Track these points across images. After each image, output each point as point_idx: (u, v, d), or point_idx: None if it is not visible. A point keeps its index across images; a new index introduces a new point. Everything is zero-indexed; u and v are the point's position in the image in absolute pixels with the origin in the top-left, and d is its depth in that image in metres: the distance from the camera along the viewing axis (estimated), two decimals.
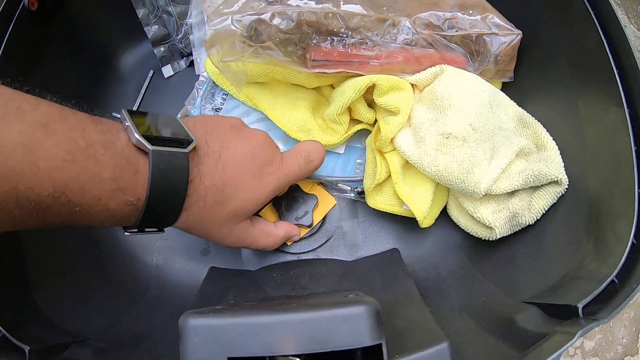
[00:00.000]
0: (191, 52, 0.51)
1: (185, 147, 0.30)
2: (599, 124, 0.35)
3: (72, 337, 0.34)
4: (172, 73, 0.53)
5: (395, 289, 0.36)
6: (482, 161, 0.38)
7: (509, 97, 0.44)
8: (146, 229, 0.31)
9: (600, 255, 0.31)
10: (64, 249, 0.42)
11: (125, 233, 0.31)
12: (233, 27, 0.39)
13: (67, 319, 0.36)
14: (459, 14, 0.43)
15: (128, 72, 0.53)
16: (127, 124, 0.28)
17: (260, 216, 0.43)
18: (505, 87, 0.46)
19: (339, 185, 0.45)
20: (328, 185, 0.45)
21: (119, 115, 0.50)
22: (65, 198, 0.25)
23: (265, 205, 0.43)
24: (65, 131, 0.25)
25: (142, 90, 0.52)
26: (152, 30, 0.51)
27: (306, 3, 0.40)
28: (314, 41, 0.41)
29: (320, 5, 0.40)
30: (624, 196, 0.31)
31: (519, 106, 0.43)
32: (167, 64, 0.53)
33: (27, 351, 0.29)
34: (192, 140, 0.31)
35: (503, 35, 0.43)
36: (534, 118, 0.42)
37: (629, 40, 0.33)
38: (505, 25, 0.43)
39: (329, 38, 0.41)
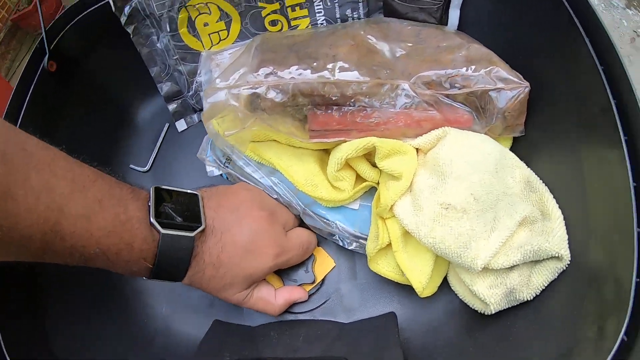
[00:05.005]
0: (202, 108, 0.53)
1: (192, 232, 0.35)
2: (601, 187, 0.34)
3: None
4: (186, 127, 0.55)
5: (386, 357, 0.36)
6: (482, 234, 0.37)
7: (520, 150, 0.43)
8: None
9: (596, 343, 0.30)
10: (81, 297, 0.46)
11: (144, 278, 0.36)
12: (231, 102, 0.40)
13: None
14: (462, 70, 0.42)
15: (144, 126, 0.56)
16: (149, 204, 0.34)
17: (268, 282, 0.44)
18: (515, 140, 0.45)
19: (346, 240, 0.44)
20: (337, 238, 0.45)
21: (137, 168, 0.53)
22: (104, 257, 0.32)
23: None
24: (113, 206, 0.32)
25: (158, 144, 0.54)
26: (164, 88, 0.53)
27: (300, 74, 0.41)
28: (311, 111, 0.41)
29: (315, 75, 0.40)
30: (619, 285, 0.29)
31: (528, 162, 0.42)
32: (180, 119, 0.55)
33: None
34: (201, 225, 0.36)
35: (509, 90, 0.41)
36: (541, 181, 0.40)
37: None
38: (512, 78, 0.41)
39: (326, 107, 0.41)
